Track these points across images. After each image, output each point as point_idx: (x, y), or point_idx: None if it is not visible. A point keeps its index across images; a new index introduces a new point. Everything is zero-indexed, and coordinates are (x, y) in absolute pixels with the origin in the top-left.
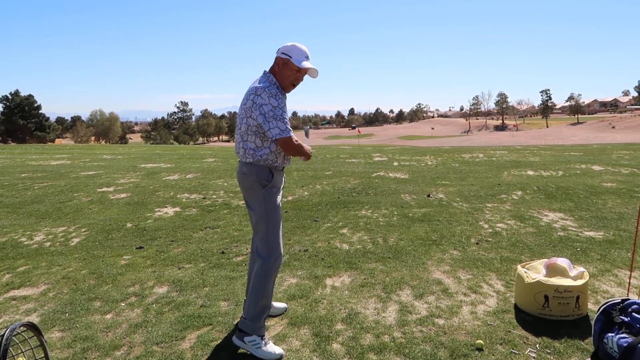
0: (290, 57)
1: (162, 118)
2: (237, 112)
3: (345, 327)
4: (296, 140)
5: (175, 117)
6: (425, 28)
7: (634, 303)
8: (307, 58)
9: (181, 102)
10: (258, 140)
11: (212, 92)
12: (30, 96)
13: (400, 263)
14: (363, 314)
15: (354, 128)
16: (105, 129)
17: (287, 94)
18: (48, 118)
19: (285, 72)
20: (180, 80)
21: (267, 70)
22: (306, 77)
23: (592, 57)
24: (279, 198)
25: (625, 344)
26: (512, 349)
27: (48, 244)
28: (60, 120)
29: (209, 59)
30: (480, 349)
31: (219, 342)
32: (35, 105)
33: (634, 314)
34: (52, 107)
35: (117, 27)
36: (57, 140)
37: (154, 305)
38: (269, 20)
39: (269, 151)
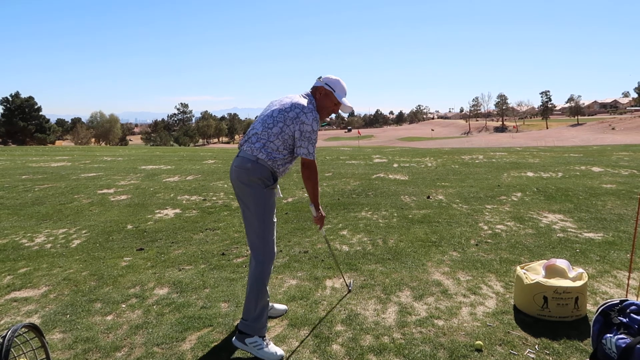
0: (334, 91)
1: (162, 120)
2: (270, 113)
3: (345, 328)
4: (316, 168)
5: (175, 118)
6: (426, 29)
7: (633, 304)
8: (345, 95)
9: (181, 103)
10: (282, 146)
11: (212, 94)
12: (31, 98)
13: (399, 264)
14: (363, 315)
15: (349, 130)
16: (106, 130)
17: None
18: (48, 120)
19: (326, 103)
20: (181, 82)
21: (309, 91)
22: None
23: (592, 58)
24: (275, 200)
25: (623, 345)
26: (511, 350)
27: (49, 245)
28: (60, 122)
29: (209, 60)
30: (479, 350)
31: (219, 343)
32: (36, 107)
33: (632, 314)
34: (53, 109)
35: (117, 29)
36: (58, 142)
37: (155, 306)
38: (270, 21)
39: (283, 157)
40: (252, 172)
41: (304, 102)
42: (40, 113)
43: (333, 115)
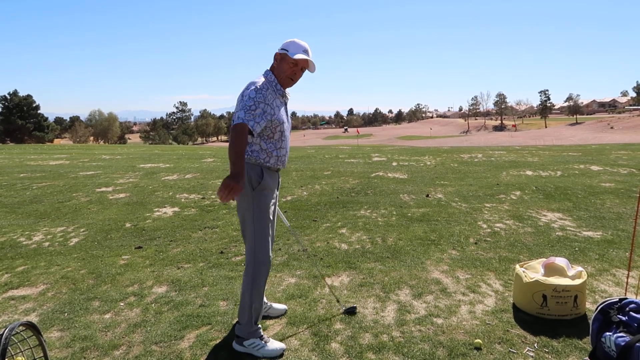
0: (287, 51)
1: (161, 118)
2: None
3: (344, 327)
4: (240, 133)
5: (174, 117)
6: (425, 29)
7: (632, 302)
8: (305, 52)
9: (180, 102)
10: (249, 137)
11: (210, 92)
12: (29, 96)
13: (399, 263)
14: (362, 313)
15: (346, 130)
16: (104, 129)
17: (288, 96)
18: (47, 118)
19: (283, 67)
20: (179, 81)
21: (268, 68)
22: (306, 74)
23: (591, 57)
24: (272, 201)
25: (623, 343)
26: (511, 348)
27: (47, 244)
28: (58, 121)
29: (208, 59)
30: (478, 348)
31: (217, 341)
32: (34, 105)
33: (631, 313)
34: (51, 108)
35: (117, 28)
36: (56, 141)
37: (153, 305)
38: (268, 20)
39: (260, 148)
40: None
41: (254, 80)
42: (39, 111)
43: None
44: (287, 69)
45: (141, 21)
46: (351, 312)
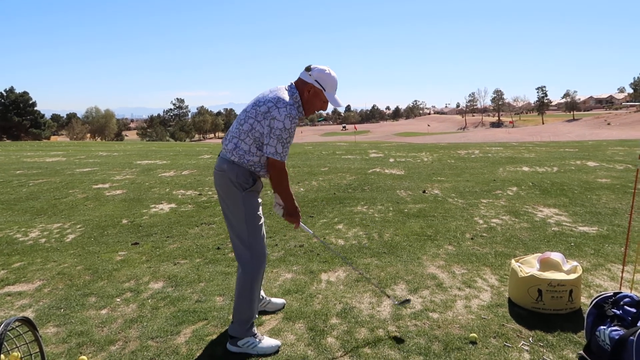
0: (324, 90)
1: (158, 115)
2: (246, 107)
3: (340, 322)
4: (285, 172)
5: (171, 114)
6: (422, 25)
7: (626, 296)
8: (336, 89)
9: (177, 99)
10: (254, 147)
11: (208, 89)
12: (26, 93)
13: (395, 258)
14: (358, 308)
15: (344, 128)
16: (101, 126)
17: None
18: (43, 115)
19: (315, 102)
20: (177, 77)
21: (294, 84)
22: None
23: (588, 54)
24: (259, 200)
25: (617, 337)
26: (506, 342)
27: (43, 240)
28: (55, 118)
29: (206, 56)
30: (473, 342)
31: (214, 336)
32: (31, 102)
33: (626, 307)
34: (48, 104)
35: (115, 24)
36: (53, 138)
37: (150, 300)
38: (266, 17)
39: (258, 159)
40: (228, 174)
41: (284, 95)
42: (35, 108)
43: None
44: (318, 105)
45: (139, 17)
46: (406, 302)
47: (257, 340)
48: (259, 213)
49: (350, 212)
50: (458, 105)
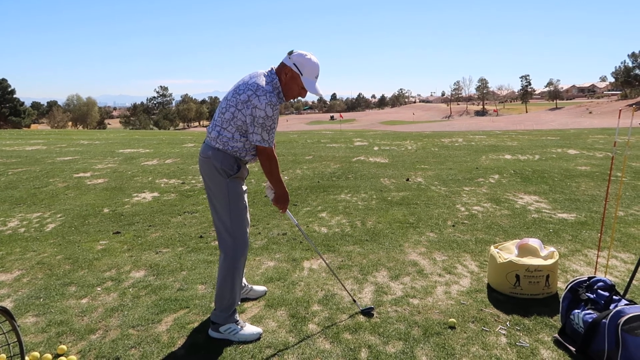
0: (301, 75)
1: (142, 103)
2: (227, 95)
3: (322, 308)
4: (274, 157)
5: (155, 102)
6: (408, 13)
7: (600, 280)
8: (316, 77)
9: (161, 86)
10: (237, 134)
11: (193, 77)
12: (4, 80)
13: (377, 245)
14: (339, 295)
15: (332, 118)
16: (83, 114)
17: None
18: (23, 103)
19: (292, 86)
20: (160, 65)
21: (274, 69)
22: None
23: (571, 43)
24: (244, 187)
25: (590, 320)
26: (484, 327)
27: (22, 229)
28: (35, 105)
29: (190, 43)
30: (452, 327)
31: (195, 324)
32: (9, 89)
33: (599, 290)
34: (28, 92)
35: (95, 11)
36: (33, 126)
37: (131, 289)
38: (251, 4)
39: (242, 145)
40: (213, 161)
41: (262, 82)
42: (15, 96)
43: (315, 99)
44: (295, 90)
45: (122, 2)
46: (368, 313)
47: (239, 327)
48: (243, 201)
49: (334, 200)
50: (443, 94)
